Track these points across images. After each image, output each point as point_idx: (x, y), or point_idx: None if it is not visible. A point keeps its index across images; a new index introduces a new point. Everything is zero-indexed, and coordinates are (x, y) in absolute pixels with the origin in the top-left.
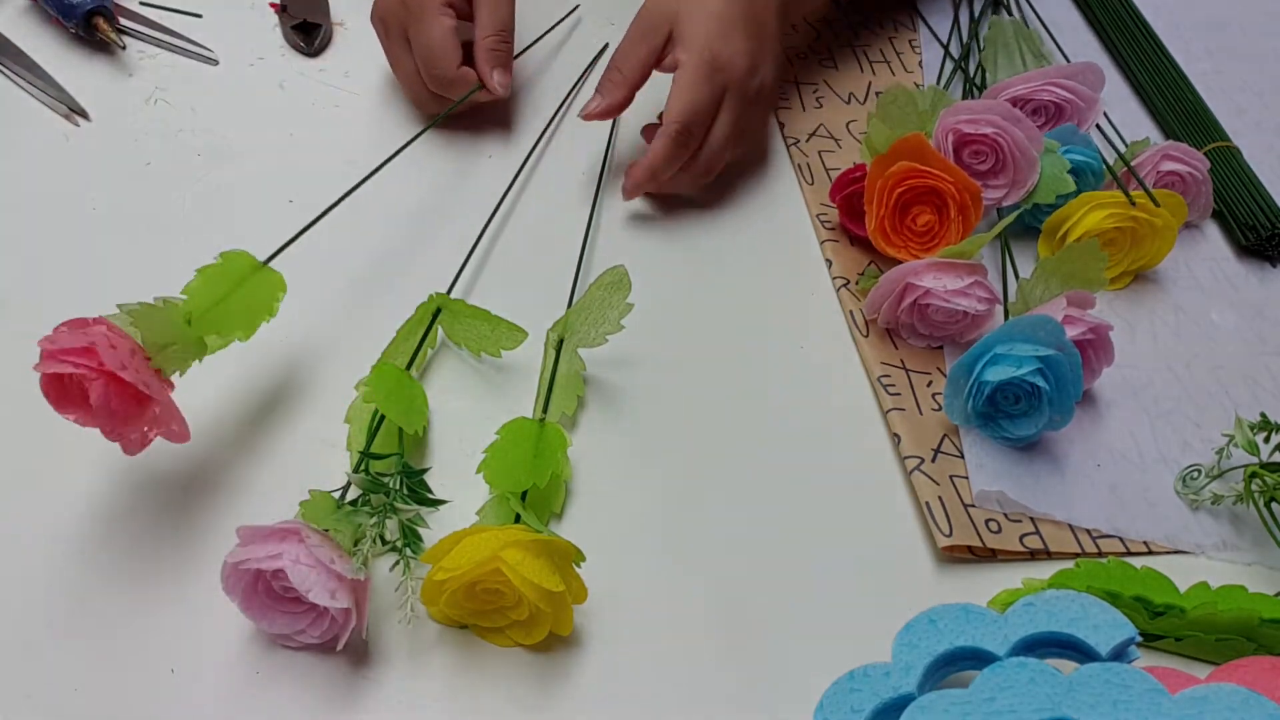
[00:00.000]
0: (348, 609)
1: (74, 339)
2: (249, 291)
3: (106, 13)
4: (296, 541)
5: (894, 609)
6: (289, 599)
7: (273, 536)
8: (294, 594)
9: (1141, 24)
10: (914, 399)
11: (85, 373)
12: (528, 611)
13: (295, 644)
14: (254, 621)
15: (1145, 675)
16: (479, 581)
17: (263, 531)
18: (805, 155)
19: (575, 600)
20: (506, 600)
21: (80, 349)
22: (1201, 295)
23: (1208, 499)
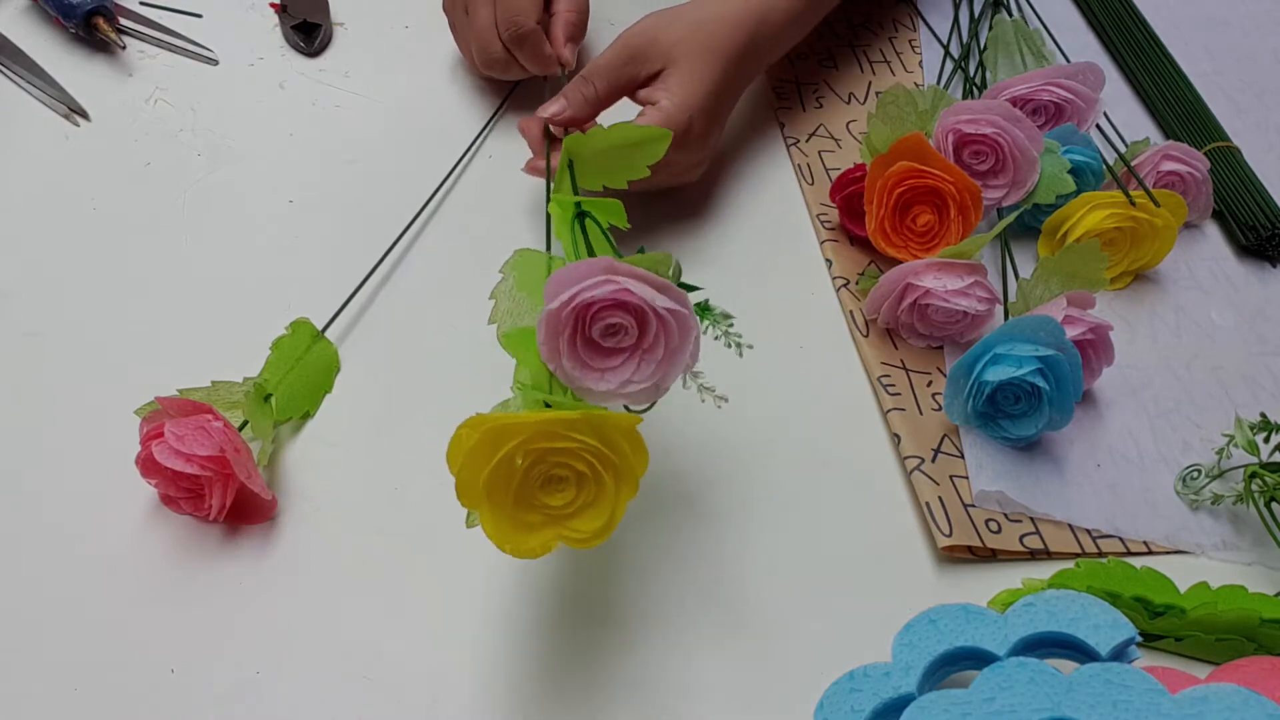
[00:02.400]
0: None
1: (201, 440)
2: (311, 365)
3: (106, 12)
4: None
5: (894, 609)
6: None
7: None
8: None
9: (1141, 24)
10: (914, 399)
11: (212, 476)
12: (589, 489)
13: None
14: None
15: (1145, 675)
16: (542, 453)
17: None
18: (805, 155)
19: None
20: (568, 485)
21: (212, 458)
22: (1202, 295)
23: (1208, 499)
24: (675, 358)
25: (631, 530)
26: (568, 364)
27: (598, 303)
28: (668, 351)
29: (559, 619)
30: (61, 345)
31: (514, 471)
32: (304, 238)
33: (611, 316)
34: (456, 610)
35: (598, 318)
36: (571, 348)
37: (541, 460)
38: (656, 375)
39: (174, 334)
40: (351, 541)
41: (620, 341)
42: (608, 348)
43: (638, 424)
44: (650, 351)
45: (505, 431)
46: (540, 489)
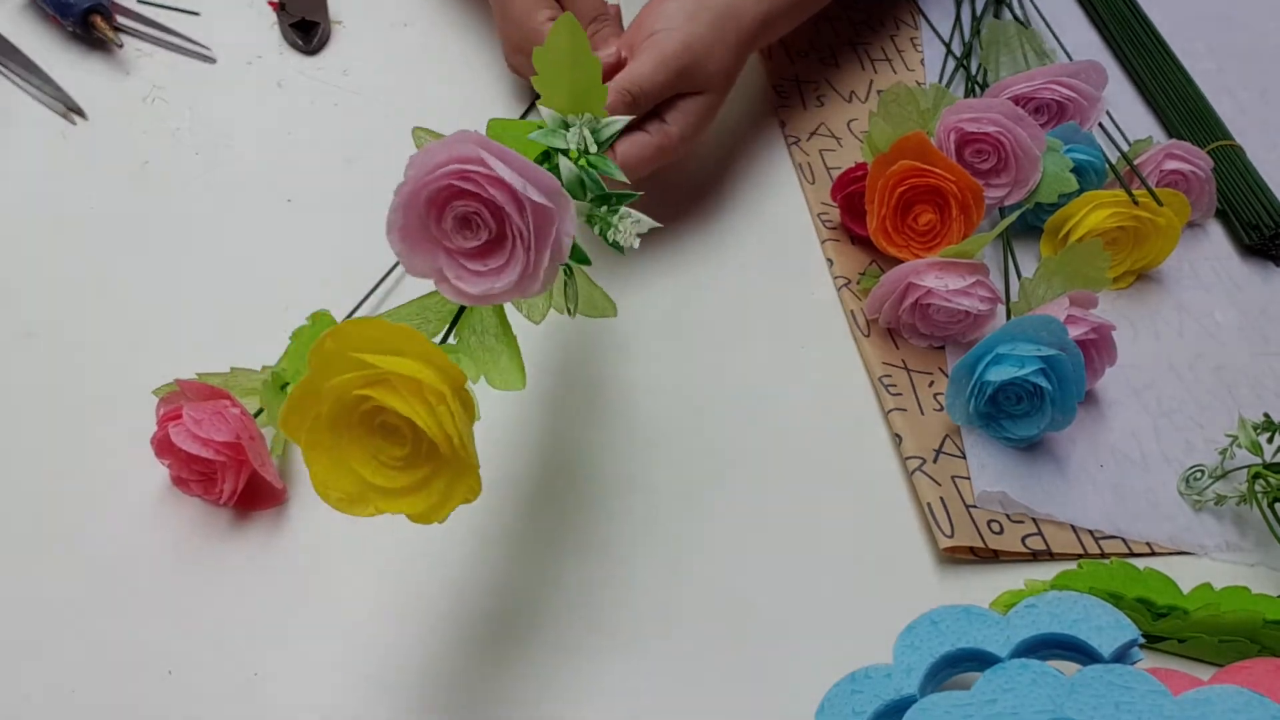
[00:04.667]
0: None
1: (217, 426)
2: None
3: (104, 11)
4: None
5: (895, 610)
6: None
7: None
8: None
9: (1144, 22)
10: (915, 399)
11: (226, 460)
12: (429, 467)
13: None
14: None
15: (1148, 677)
16: (379, 403)
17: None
18: (806, 154)
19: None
20: (404, 440)
21: (227, 444)
22: (1205, 295)
23: (1211, 499)
24: (538, 255)
25: (631, 531)
26: (417, 256)
27: (447, 190)
28: (533, 246)
29: (559, 619)
30: (59, 345)
31: (352, 405)
32: (302, 237)
33: (463, 206)
34: (457, 611)
35: (447, 207)
36: (423, 238)
37: (379, 410)
38: (520, 277)
39: (171, 333)
40: (352, 540)
41: (476, 237)
42: (467, 246)
43: (463, 383)
44: (512, 249)
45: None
46: (378, 434)
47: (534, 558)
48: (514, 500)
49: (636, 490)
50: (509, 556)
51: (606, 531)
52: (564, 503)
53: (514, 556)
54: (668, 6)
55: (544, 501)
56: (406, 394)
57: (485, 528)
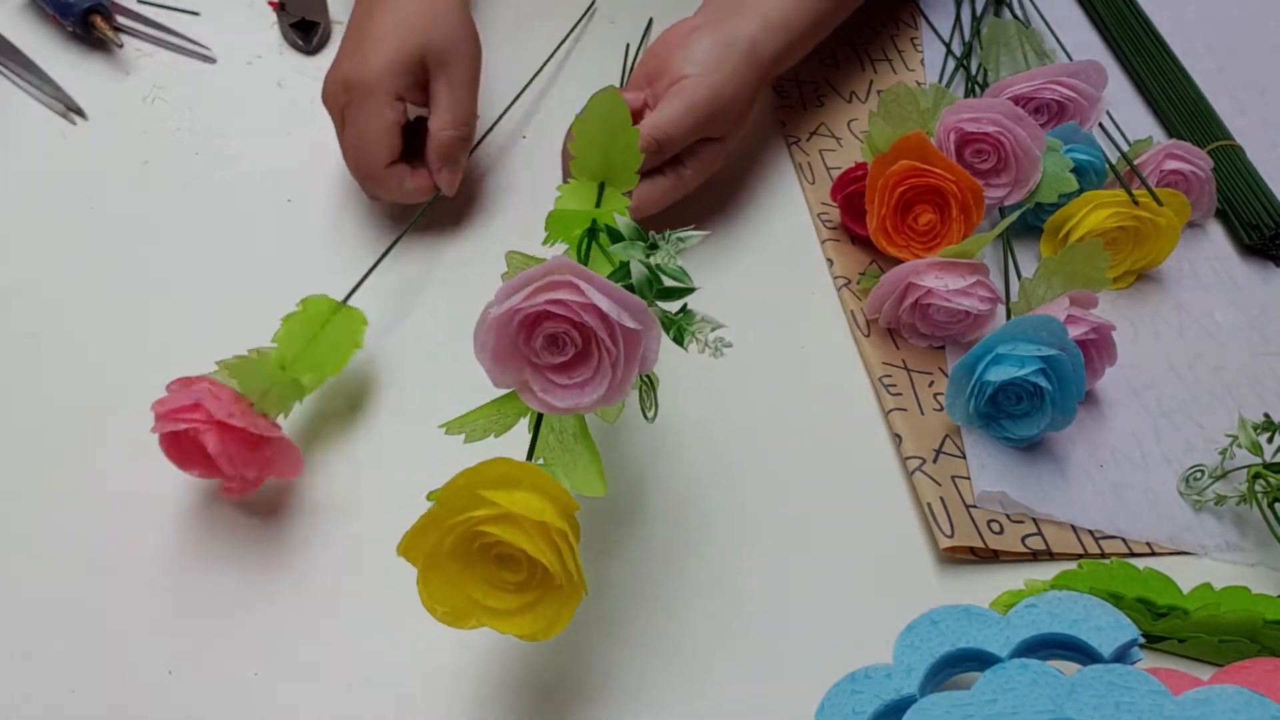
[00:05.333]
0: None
1: (180, 398)
2: (334, 330)
3: (104, 11)
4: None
5: (895, 610)
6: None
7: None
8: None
9: (1144, 22)
10: (915, 399)
11: (197, 425)
12: (542, 593)
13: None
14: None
15: (1148, 677)
16: (503, 539)
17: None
18: (806, 154)
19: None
20: (519, 568)
21: (189, 406)
22: (1205, 295)
23: (1211, 499)
24: (627, 371)
25: (631, 531)
26: (508, 373)
27: (539, 314)
28: (622, 364)
29: None
30: (59, 345)
31: (470, 538)
32: (302, 236)
33: (553, 327)
34: None
35: (538, 328)
36: (512, 355)
37: (496, 541)
38: (607, 390)
39: (172, 333)
40: (351, 541)
41: (563, 354)
42: (554, 362)
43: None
44: (599, 365)
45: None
46: (494, 562)
47: None
48: None
49: (635, 490)
50: None
51: (605, 531)
52: None
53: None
54: (694, 49)
55: None
56: (533, 533)
57: None
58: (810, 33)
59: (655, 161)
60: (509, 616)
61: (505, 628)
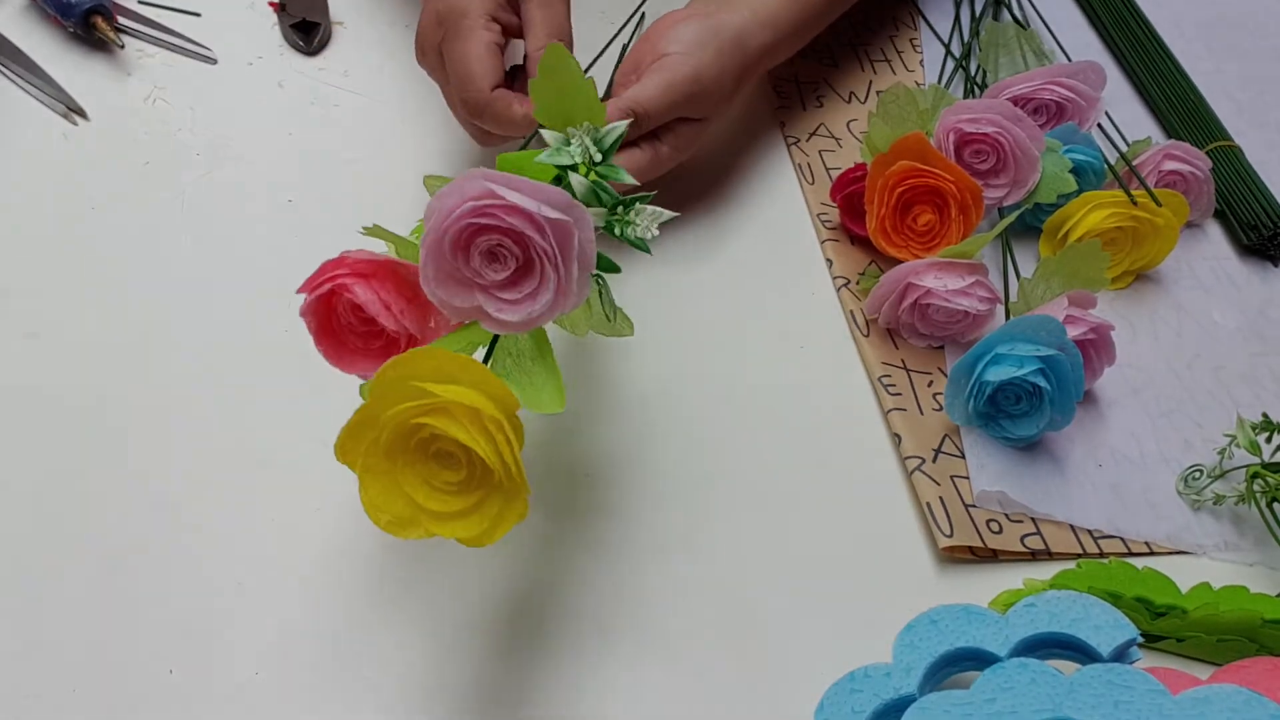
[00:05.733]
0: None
1: (322, 269)
2: None
3: (105, 11)
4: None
5: (895, 609)
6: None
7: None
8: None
9: (1143, 22)
10: (915, 399)
11: (342, 278)
12: (482, 492)
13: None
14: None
15: (1147, 676)
16: (436, 430)
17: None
18: (806, 155)
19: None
20: (459, 466)
21: (331, 264)
22: (1203, 295)
23: (1209, 499)
24: (568, 269)
25: (631, 531)
26: (455, 298)
27: (470, 230)
28: (559, 260)
29: (560, 620)
30: (61, 345)
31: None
32: (303, 237)
33: (487, 240)
34: (457, 613)
35: (472, 245)
36: (457, 282)
37: (435, 436)
38: (556, 295)
39: (172, 333)
40: (352, 541)
41: (505, 267)
42: (499, 278)
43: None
44: (541, 269)
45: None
46: (433, 460)
47: (534, 559)
48: None
49: (635, 490)
50: (509, 557)
51: (604, 531)
52: (562, 504)
53: (514, 558)
54: (681, 30)
55: (543, 503)
56: (466, 422)
57: None
58: (799, 31)
59: (632, 134)
60: (450, 520)
61: (447, 531)
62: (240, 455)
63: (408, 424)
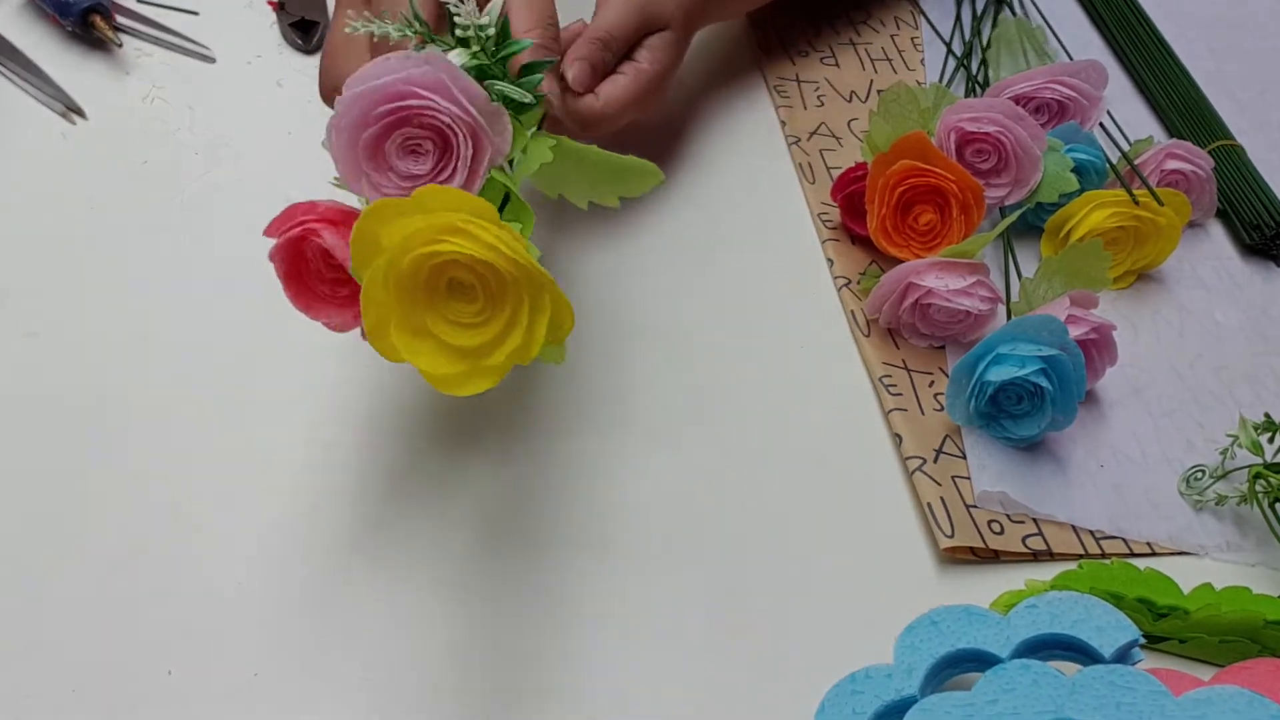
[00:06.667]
0: None
1: (291, 211)
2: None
3: (103, 10)
4: None
5: (895, 610)
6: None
7: None
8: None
9: (1145, 21)
10: (915, 399)
11: (310, 223)
12: (506, 304)
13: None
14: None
15: (1149, 677)
16: (432, 255)
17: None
18: (806, 154)
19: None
20: (475, 296)
21: (303, 208)
22: (1205, 295)
23: (1212, 500)
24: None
25: (630, 531)
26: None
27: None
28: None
29: (559, 618)
30: (60, 345)
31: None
32: None
33: (405, 132)
34: (457, 612)
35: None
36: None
37: (441, 267)
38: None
39: (171, 333)
40: (351, 540)
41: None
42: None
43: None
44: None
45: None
46: (447, 294)
47: (534, 558)
48: (512, 504)
49: (635, 490)
50: (508, 555)
51: (604, 531)
52: (561, 502)
53: (513, 555)
54: None
55: (542, 501)
56: (456, 238)
57: (485, 529)
58: None
59: (608, 61)
60: (495, 348)
61: (499, 359)
62: (240, 455)
63: (416, 263)
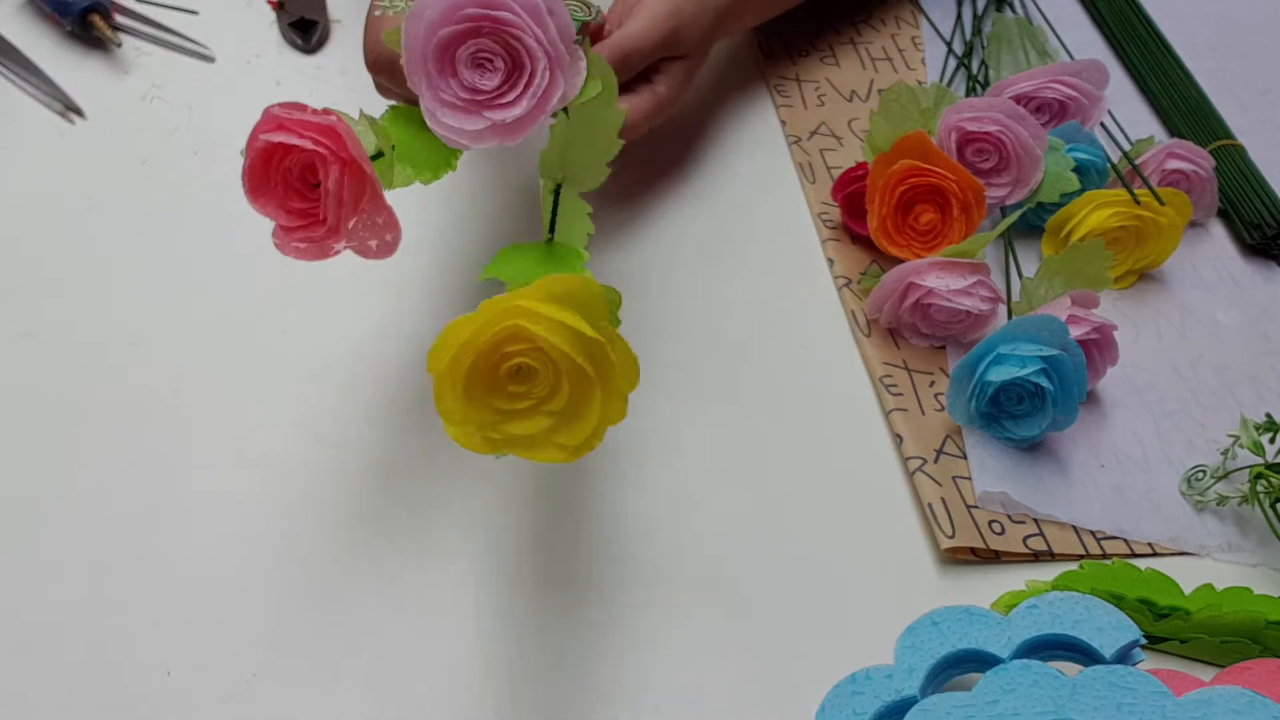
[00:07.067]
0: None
1: (314, 117)
2: (434, 140)
3: (102, 9)
4: None
5: (896, 611)
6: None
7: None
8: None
9: (1146, 20)
10: (916, 399)
11: (324, 152)
12: (565, 388)
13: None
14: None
15: (1150, 678)
16: (496, 347)
17: None
18: (807, 154)
19: (623, 369)
20: (539, 378)
21: (320, 127)
22: (1206, 294)
23: (1213, 500)
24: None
25: (629, 530)
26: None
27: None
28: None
29: (559, 619)
30: (58, 344)
31: (486, 361)
32: None
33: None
34: (456, 611)
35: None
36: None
37: (506, 354)
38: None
39: (170, 332)
40: (351, 539)
41: (489, 76)
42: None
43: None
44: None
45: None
46: (508, 377)
47: (534, 558)
48: (512, 507)
49: (634, 491)
50: (509, 556)
51: (603, 531)
52: (560, 499)
53: (513, 557)
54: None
55: (542, 503)
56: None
57: (486, 530)
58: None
59: (624, 75)
60: (544, 441)
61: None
62: (239, 454)
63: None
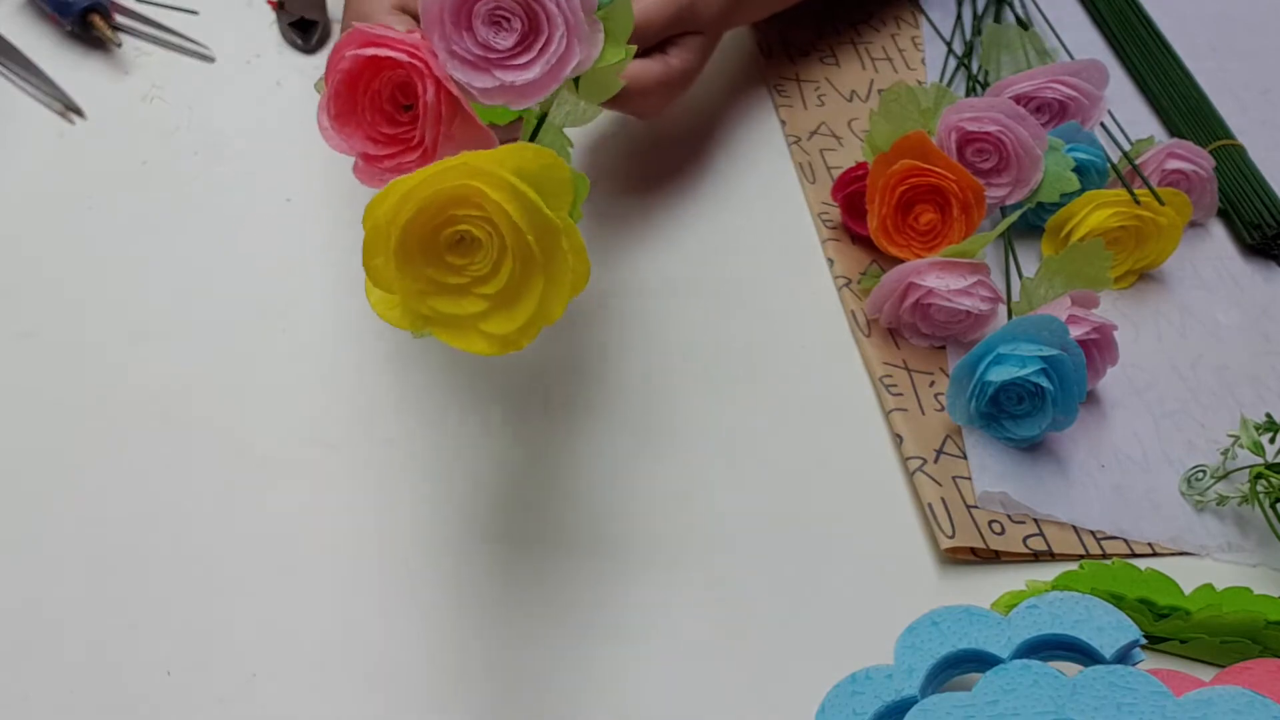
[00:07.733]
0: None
1: (403, 35)
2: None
3: (102, 9)
4: None
5: (896, 611)
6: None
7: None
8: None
9: (1146, 20)
10: (916, 399)
11: (420, 66)
12: (506, 268)
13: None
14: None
15: (1150, 678)
16: (442, 207)
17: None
18: (807, 154)
19: (574, 265)
20: (481, 253)
21: (414, 43)
22: (1207, 294)
23: (1213, 500)
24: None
25: (629, 531)
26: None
27: None
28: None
29: (557, 619)
30: (57, 344)
31: (425, 228)
32: (301, 236)
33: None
34: (456, 610)
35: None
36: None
37: (451, 217)
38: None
39: (170, 332)
40: (351, 538)
41: (509, 32)
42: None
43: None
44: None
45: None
46: (448, 246)
47: (535, 558)
48: (512, 505)
49: (634, 491)
50: (510, 555)
51: (603, 531)
52: (560, 503)
53: (513, 555)
54: None
55: (542, 501)
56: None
57: (486, 529)
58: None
59: (639, 43)
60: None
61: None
62: (239, 453)
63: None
